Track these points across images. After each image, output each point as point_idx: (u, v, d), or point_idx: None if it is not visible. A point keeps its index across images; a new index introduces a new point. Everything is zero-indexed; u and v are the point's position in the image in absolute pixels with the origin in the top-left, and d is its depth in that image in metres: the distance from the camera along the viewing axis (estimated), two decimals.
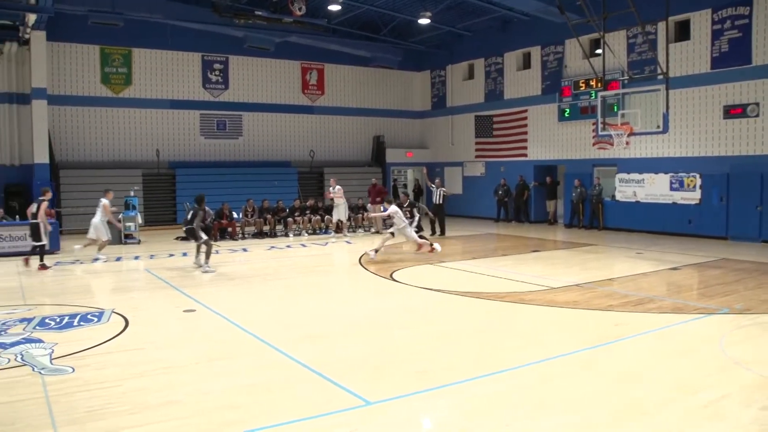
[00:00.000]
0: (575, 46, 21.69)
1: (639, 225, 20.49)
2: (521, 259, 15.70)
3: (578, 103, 22.83)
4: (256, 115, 26.92)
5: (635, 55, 20.64)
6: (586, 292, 11.07)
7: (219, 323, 9.26)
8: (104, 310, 9.86)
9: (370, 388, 6.27)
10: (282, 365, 7.17)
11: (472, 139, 27.38)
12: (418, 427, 5.59)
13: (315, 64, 28.17)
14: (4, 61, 21.81)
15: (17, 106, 22.10)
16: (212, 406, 5.86)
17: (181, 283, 12.51)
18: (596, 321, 9.11)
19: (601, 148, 22.04)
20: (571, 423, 5.42)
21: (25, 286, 12.39)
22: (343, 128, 29.05)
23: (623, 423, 5.43)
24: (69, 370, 6.89)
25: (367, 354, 7.59)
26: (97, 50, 23.75)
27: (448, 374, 6.73)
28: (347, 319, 9.60)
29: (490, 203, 26.12)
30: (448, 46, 28.53)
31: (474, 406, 5.82)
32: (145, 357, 7.50)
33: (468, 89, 28.12)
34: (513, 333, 8.54)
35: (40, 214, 14.75)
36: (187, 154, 25.50)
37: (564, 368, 6.94)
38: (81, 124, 23.63)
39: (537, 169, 24.87)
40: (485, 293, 11.06)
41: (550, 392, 6.17)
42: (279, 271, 14.51)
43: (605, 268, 14.23)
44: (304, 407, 5.81)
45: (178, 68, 25.26)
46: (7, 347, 7.76)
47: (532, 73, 24.83)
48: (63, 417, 5.59)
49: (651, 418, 5.49)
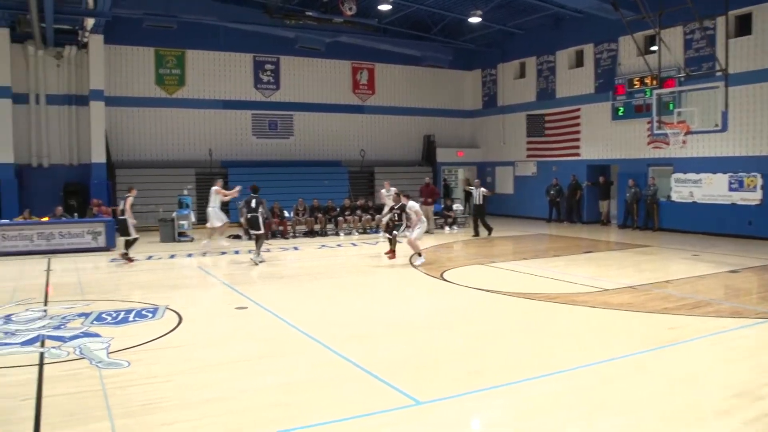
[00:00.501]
0: (629, 43, 21.25)
1: (695, 226, 19.97)
2: (573, 260, 15.46)
3: (632, 102, 22.37)
4: (307, 115, 27.13)
5: (692, 52, 20.09)
6: (641, 294, 10.83)
7: (270, 321, 9.36)
8: (159, 307, 10.06)
9: (421, 387, 6.24)
10: (332, 363, 7.20)
11: (523, 139, 27.09)
12: (470, 428, 5.55)
13: (365, 64, 28.25)
14: (63, 64, 22.46)
15: (76, 108, 22.74)
16: (262, 403, 5.93)
17: (233, 281, 12.68)
18: (651, 324, 8.90)
19: (657, 148, 21.55)
20: (625, 426, 5.32)
21: (83, 282, 12.73)
22: (393, 128, 29.07)
23: (678, 428, 5.30)
24: (125, 364, 7.05)
25: (417, 353, 7.57)
26: (151, 52, 24.29)
27: (499, 375, 6.67)
28: (397, 318, 9.59)
29: (541, 203, 25.81)
30: (499, 44, 28.28)
31: (526, 408, 5.75)
32: (198, 353, 7.63)
33: (519, 88, 27.83)
34: (565, 334, 8.40)
35: (126, 211, 15.25)
36: (238, 153, 25.86)
37: (618, 371, 6.80)
38: (136, 125, 24.20)
39: (590, 169, 24.47)
40: (536, 294, 10.92)
41: (604, 394, 6.06)
42: (329, 269, 14.59)
43: (660, 270, 13.90)
44: (354, 405, 5.83)
45: (230, 69, 25.64)
46: (66, 341, 7.98)
47: (585, 72, 24.44)
48: (119, 410, 5.72)
49: (707, 424, 5.35)
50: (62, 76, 22.55)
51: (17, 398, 6.03)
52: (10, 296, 11.13)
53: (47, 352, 7.54)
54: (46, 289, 11.86)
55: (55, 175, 22.44)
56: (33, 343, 7.96)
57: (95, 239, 17.48)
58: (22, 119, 21.72)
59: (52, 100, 22.40)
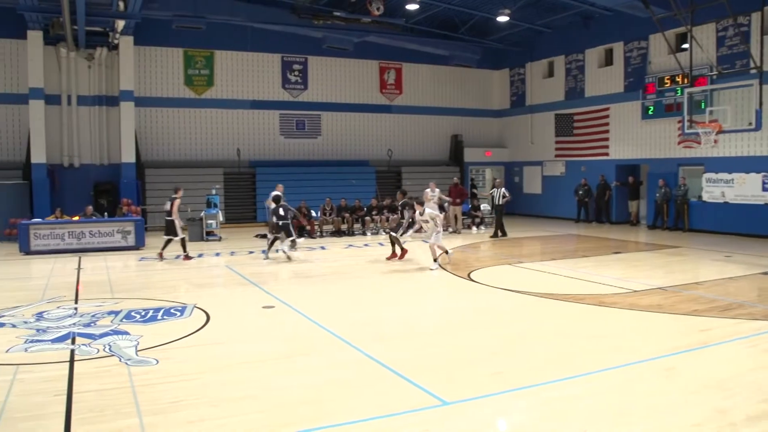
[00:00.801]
0: (660, 41, 20.98)
1: (727, 227, 19.65)
2: (602, 260, 15.31)
3: (663, 101, 22.07)
4: (335, 115, 27.20)
5: (725, 49, 19.74)
6: (670, 296, 10.68)
7: (297, 320, 9.39)
8: (187, 305, 10.15)
9: (447, 387, 6.22)
10: (358, 362, 7.20)
11: (552, 138, 26.88)
12: (496, 429, 5.52)
13: (393, 64, 28.24)
14: (94, 65, 22.78)
15: (106, 108, 23.05)
16: (289, 401, 5.95)
17: (261, 280, 12.75)
18: (680, 326, 8.76)
19: (687, 147, 21.24)
20: (653, 430, 5.24)
21: (112, 281, 12.89)
22: (420, 127, 29.01)
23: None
24: (153, 362, 7.12)
25: (444, 353, 7.54)
26: (180, 53, 24.52)
27: (525, 376, 6.62)
28: (423, 318, 9.58)
29: (570, 203, 25.59)
30: (528, 43, 28.09)
31: (552, 410, 5.70)
32: (225, 351, 7.69)
33: (548, 87, 27.62)
34: (592, 336, 8.31)
35: (173, 211, 15.55)
36: (266, 153, 26.00)
37: (645, 374, 6.71)
38: (165, 125, 24.45)
39: (619, 169, 24.19)
40: (564, 295, 10.83)
41: (631, 398, 5.98)
42: (356, 269, 14.60)
43: (691, 271, 13.70)
44: (381, 405, 5.83)
45: (259, 69, 25.79)
46: (96, 338, 8.10)
47: (615, 70, 24.16)
48: (148, 406, 5.79)
49: (738, 430, 5.23)
50: (93, 77, 22.87)
51: (49, 394, 6.13)
52: (41, 294, 11.33)
53: (78, 349, 7.65)
54: (77, 287, 12.04)
55: (85, 174, 22.78)
56: (64, 340, 8.09)
57: (125, 238, 17.71)
58: (53, 120, 22.07)
59: (83, 101, 22.74)
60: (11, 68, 21.95)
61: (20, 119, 21.88)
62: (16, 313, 9.68)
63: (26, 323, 8.99)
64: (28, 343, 7.94)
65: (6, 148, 22.05)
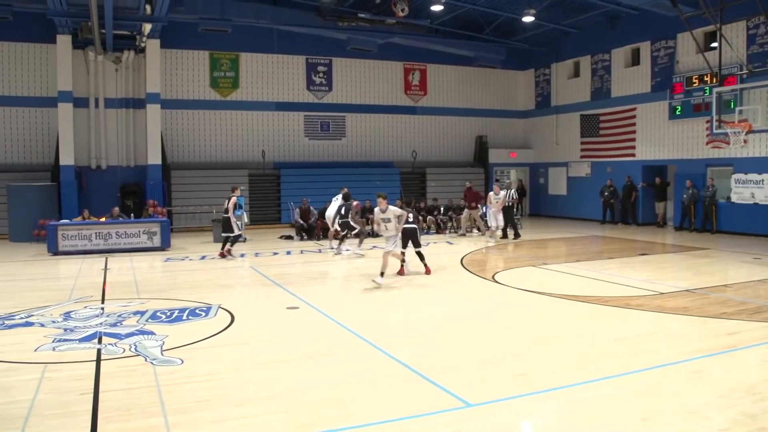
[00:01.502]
0: (688, 40, 20.74)
1: (757, 228, 19.34)
2: (628, 262, 15.14)
3: (691, 100, 21.78)
4: (359, 116, 27.24)
5: (756, 47, 19.40)
6: (698, 299, 10.54)
7: (321, 321, 9.41)
8: (212, 306, 10.22)
9: (471, 389, 6.19)
10: (382, 364, 7.19)
11: (577, 139, 26.68)
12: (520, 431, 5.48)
13: (417, 65, 28.21)
14: (121, 68, 23.04)
15: (133, 111, 23.32)
16: (313, 402, 5.96)
17: (285, 281, 12.79)
18: (708, 329, 8.63)
19: (716, 147, 20.94)
20: None
21: (138, 281, 13.02)
22: (445, 128, 28.94)
23: None
24: (178, 362, 7.18)
25: (468, 355, 7.51)
26: (206, 55, 24.72)
27: (550, 378, 6.56)
28: (448, 319, 9.54)
29: (595, 204, 25.37)
30: (553, 43, 27.91)
31: (577, 413, 5.64)
32: (250, 351, 7.72)
33: (573, 88, 27.42)
34: (618, 339, 8.21)
35: (230, 210, 16.05)
36: (291, 154, 26.11)
37: (672, 377, 6.61)
38: (191, 127, 24.66)
39: (646, 170, 23.93)
40: (589, 297, 10.73)
41: (657, 402, 5.89)
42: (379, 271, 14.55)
43: (719, 273, 13.50)
44: (404, 406, 5.81)
45: (283, 71, 25.91)
46: (122, 338, 8.18)
47: (642, 70, 23.91)
48: (173, 406, 5.83)
49: None
50: (120, 80, 23.14)
51: (76, 392, 6.20)
52: (69, 294, 11.48)
53: (104, 348, 7.73)
54: (104, 288, 12.17)
55: (112, 176, 23.05)
56: (91, 339, 8.18)
57: (151, 239, 17.88)
58: (81, 122, 22.35)
59: (110, 103, 23.02)
60: (41, 72, 22.31)
61: (49, 122, 22.23)
62: (45, 312, 9.82)
63: (54, 323, 9.11)
64: (56, 342, 8.04)
65: (35, 150, 22.41)
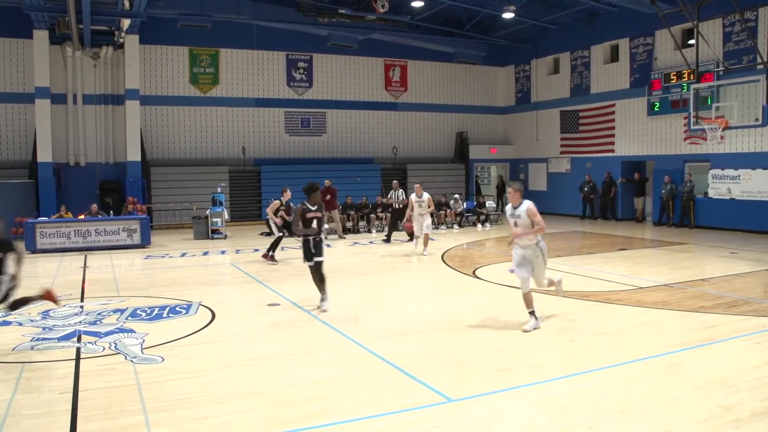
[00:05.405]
0: (666, 37, 20.92)
1: (733, 223, 19.59)
2: (607, 257, 15.28)
3: (669, 97, 21.98)
4: (340, 113, 27.20)
5: (732, 45, 19.64)
6: (676, 293, 10.66)
7: (302, 317, 9.41)
8: (192, 303, 10.18)
9: (452, 385, 6.24)
10: (364, 360, 7.21)
11: (557, 135, 26.85)
12: (501, 427, 5.49)
13: (398, 61, 28.20)
14: (100, 64, 22.83)
15: (112, 107, 23.13)
16: (295, 398, 5.96)
17: (266, 278, 12.77)
18: (686, 323, 8.74)
19: (694, 143, 21.16)
20: (656, 428, 5.23)
21: (118, 279, 12.93)
22: (426, 124, 28.98)
23: (713, 430, 5.18)
24: (159, 360, 7.15)
25: (449, 351, 7.54)
26: (186, 51, 24.55)
27: (531, 373, 6.61)
28: (429, 315, 9.57)
29: (575, 200, 25.55)
30: (533, 40, 28.04)
31: (557, 407, 5.69)
32: (231, 348, 7.70)
33: (553, 84, 27.56)
34: (598, 333, 8.29)
35: (269, 211, 15.65)
36: (272, 151, 26.02)
37: (651, 371, 6.69)
38: (170, 123, 24.49)
39: (625, 165, 24.13)
40: (570, 292, 10.76)
41: (636, 395, 5.96)
42: (361, 266, 14.62)
43: (696, 268, 13.66)
44: (386, 402, 5.83)
45: (264, 67, 25.80)
46: (102, 336, 8.13)
47: (620, 66, 24.10)
48: (153, 404, 5.81)
49: (744, 426, 5.22)
50: (99, 76, 22.91)
51: (55, 391, 6.16)
52: None
53: (83, 347, 7.68)
54: (83, 286, 12.08)
55: (91, 173, 22.84)
56: (70, 338, 8.13)
57: (130, 236, 17.75)
58: (59, 119, 22.12)
59: (88, 99, 22.78)
60: (17, 67, 22.03)
61: (26, 118, 21.96)
62: (23, 311, 9.68)
63: (32, 321, 9.04)
64: (34, 341, 7.98)
65: (12, 147, 22.14)
